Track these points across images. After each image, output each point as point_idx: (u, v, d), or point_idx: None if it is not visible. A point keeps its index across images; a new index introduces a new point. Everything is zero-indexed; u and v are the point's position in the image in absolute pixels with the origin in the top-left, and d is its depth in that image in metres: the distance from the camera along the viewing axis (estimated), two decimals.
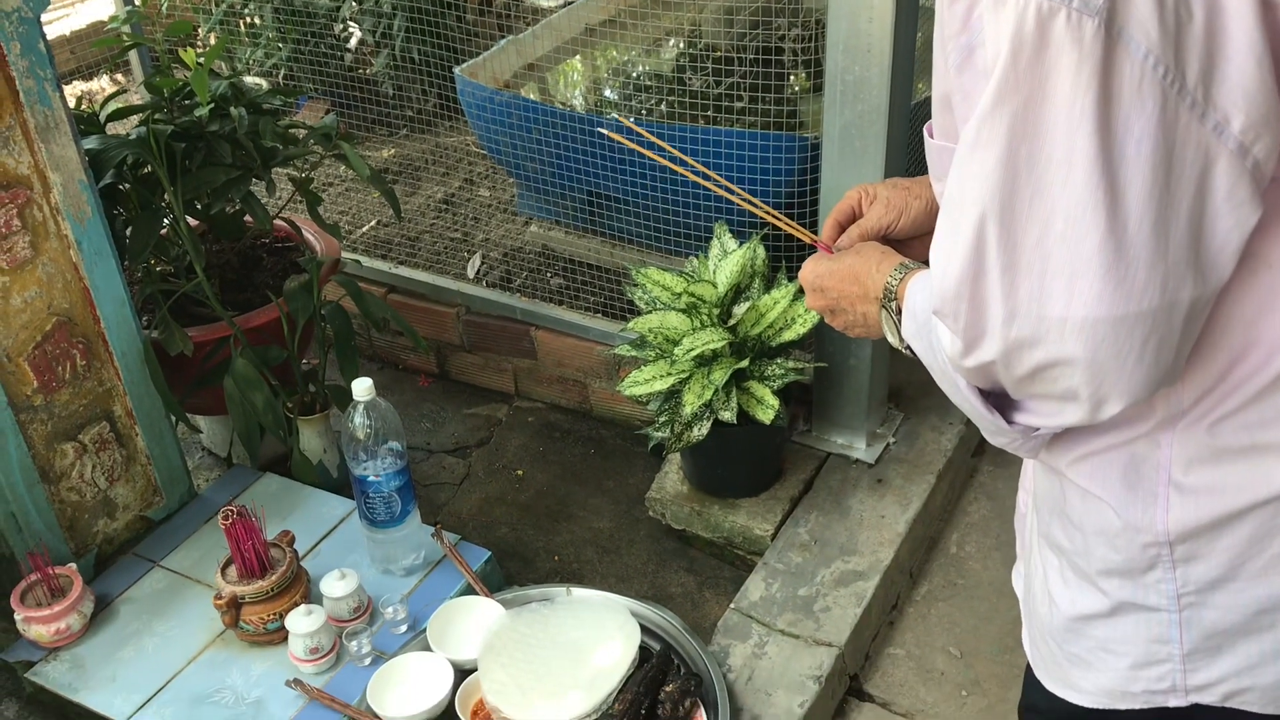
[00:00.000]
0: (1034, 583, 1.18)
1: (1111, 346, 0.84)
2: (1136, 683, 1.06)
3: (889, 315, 1.11)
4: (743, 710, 1.92)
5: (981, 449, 2.57)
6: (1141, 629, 1.04)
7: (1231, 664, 1.02)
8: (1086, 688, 1.11)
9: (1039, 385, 0.90)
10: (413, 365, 2.95)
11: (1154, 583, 1.01)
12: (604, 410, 2.73)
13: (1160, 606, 1.02)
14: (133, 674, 1.99)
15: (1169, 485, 0.97)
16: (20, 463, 1.99)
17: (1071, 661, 1.12)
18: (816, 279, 1.20)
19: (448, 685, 1.91)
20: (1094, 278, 0.82)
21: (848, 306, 1.17)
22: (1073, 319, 0.83)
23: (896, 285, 1.10)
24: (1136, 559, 1.01)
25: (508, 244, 2.90)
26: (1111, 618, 1.06)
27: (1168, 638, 1.03)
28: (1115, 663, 1.07)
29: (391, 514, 2.08)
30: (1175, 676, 1.05)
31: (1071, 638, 1.11)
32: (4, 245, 1.89)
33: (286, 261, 2.55)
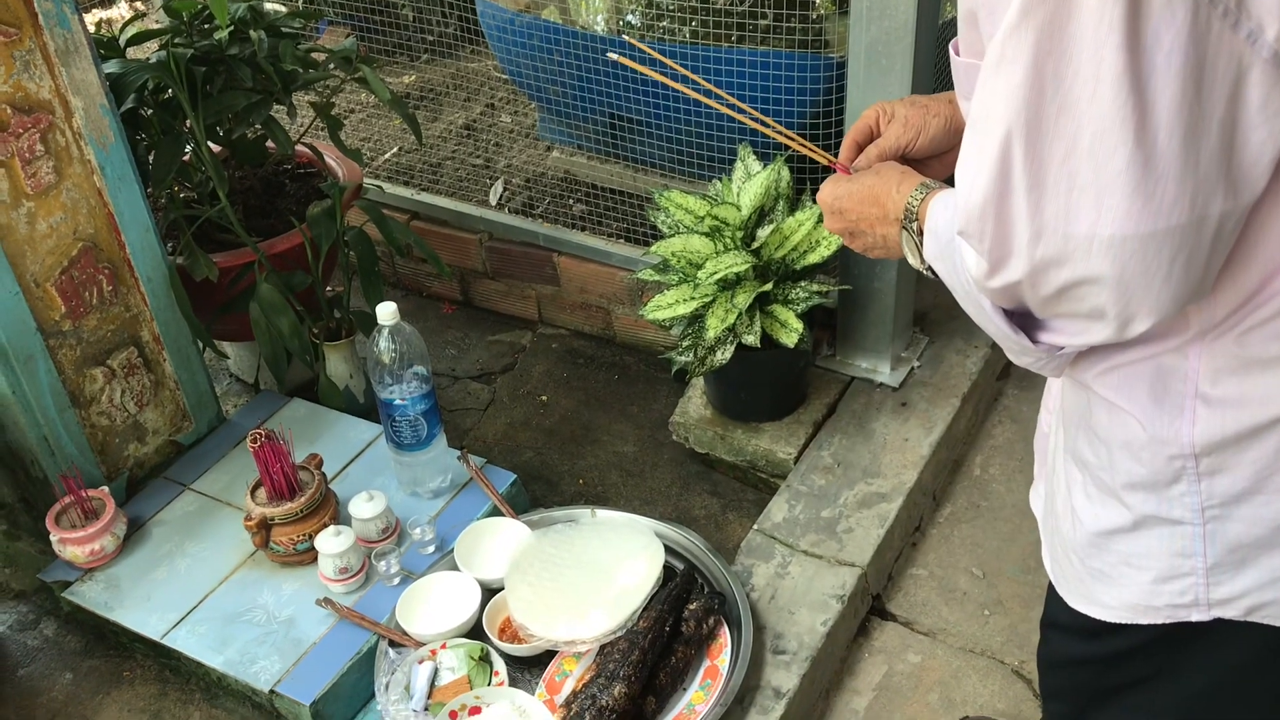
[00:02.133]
0: (1056, 500, 1.18)
1: (1139, 264, 0.83)
2: (1159, 596, 1.06)
3: (910, 236, 1.09)
4: (766, 628, 1.94)
5: (1007, 372, 2.56)
6: (1165, 543, 1.04)
7: (1255, 578, 1.02)
8: (1109, 602, 1.11)
9: (1065, 304, 0.89)
10: (436, 293, 2.96)
11: (1178, 496, 1.01)
12: (627, 336, 2.73)
13: (1184, 520, 1.02)
14: (166, 593, 2.03)
15: (1196, 398, 0.97)
16: (50, 387, 2.02)
17: (1094, 576, 1.12)
18: (835, 201, 1.18)
19: (475, 604, 1.94)
20: (1122, 194, 0.80)
21: (867, 229, 1.16)
22: (1100, 237, 0.82)
23: (918, 205, 1.08)
24: (1161, 472, 1.00)
25: (530, 170, 2.89)
26: (1134, 532, 1.05)
27: (1191, 551, 1.03)
28: (1138, 577, 1.07)
29: (418, 437, 2.10)
30: (1198, 590, 1.04)
31: (1094, 553, 1.10)
32: (28, 170, 1.89)
33: (309, 187, 2.54)
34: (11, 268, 1.90)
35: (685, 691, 1.84)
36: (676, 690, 1.84)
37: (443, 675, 1.87)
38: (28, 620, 2.19)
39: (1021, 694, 1.96)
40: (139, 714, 2.01)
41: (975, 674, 1.99)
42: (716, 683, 1.83)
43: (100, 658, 2.10)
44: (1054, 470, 1.19)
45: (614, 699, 1.73)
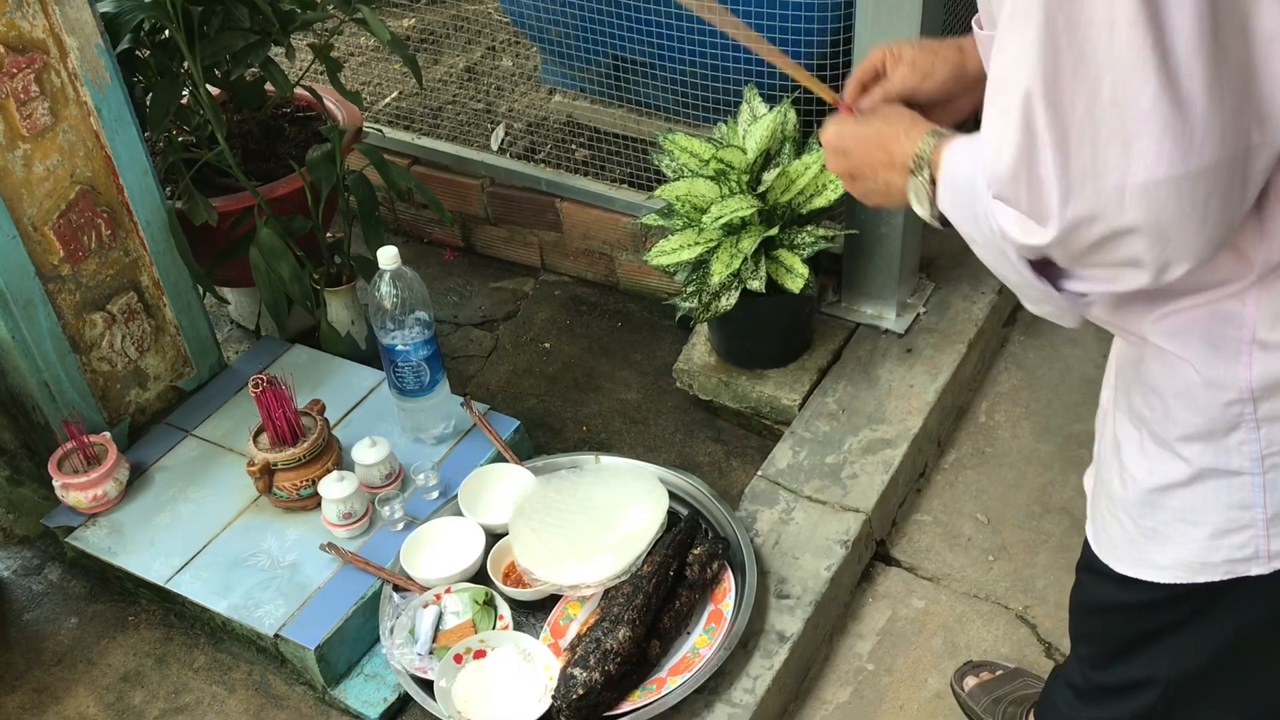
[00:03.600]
0: (1104, 467, 1.16)
1: (1174, 208, 0.81)
2: (1217, 552, 1.05)
3: (919, 183, 1.06)
4: (769, 573, 1.94)
5: (1013, 319, 2.54)
6: (1222, 495, 1.02)
7: None
8: (1163, 563, 1.09)
9: (1100, 256, 0.88)
10: (438, 239, 2.93)
11: (1236, 444, 0.99)
12: (631, 283, 2.71)
13: (1243, 470, 1.00)
14: (170, 539, 2.03)
15: (1252, 343, 0.95)
16: (50, 332, 2.00)
17: (1147, 537, 1.10)
18: (840, 141, 1.15)
19: (479, 549, 1.94)
20: (1150, 138, 0.79)
21: (870, 173, 1.13)
22: (1131, 185, 0.81)
23: (929, 153, 1.05)
24: (1218, 420, 0.99)
25: (532, 114, 2.85)
26: (1191, 485, 1.04)
27: (1250, 502, 1.01)
28: (1195, 533, 1.05)
29: (420, 383, 2.09)
30: (1258, 543, 1.03)
31: (1149, 511, 1.08)
32: (23, 112, 1.87)
33: (308, 131, 2.51)
34: (9, 211, 1.88)
35: (689, 635, 1.84)
36: (680, 634, 1.84)
37: (447, 619, 1.87)
38: (32, 565, 2.19)
39: (1025, 639, 1.96)
40: (144, 658, 2.01)
41: (979, 619, 1.99)
42: (720, 626, 1.83)
43: (105, 602, 2.10)
44: (1104, 432, 1.17)
45: (618, 642, 1.74)
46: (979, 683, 1.83)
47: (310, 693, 1.93)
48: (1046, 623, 1.98)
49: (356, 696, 1.88)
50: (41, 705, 1.95)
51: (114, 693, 1.96)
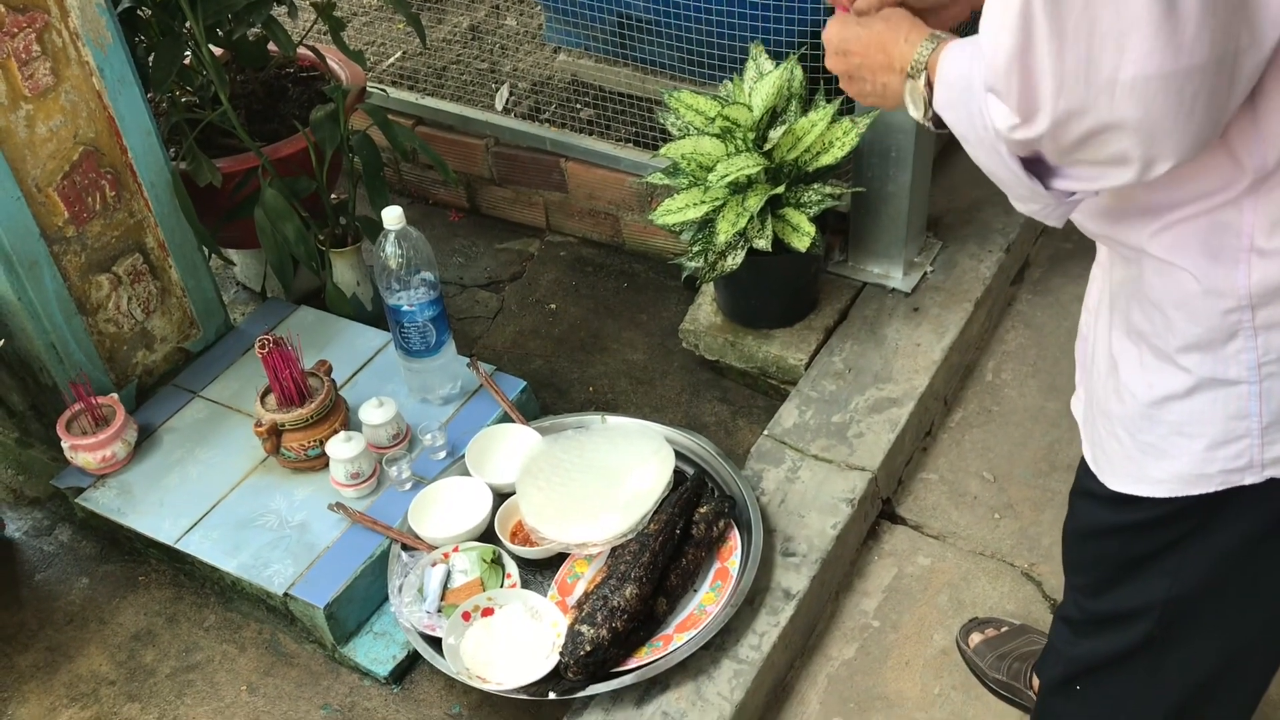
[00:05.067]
0: (1099, 387, 1.17)
1: (1162, 104, 0.83)
2: (1213, 463, 1.07)
3: (915, 87, 1.08)
4: (776, 531, 1.95)
5: (1020, 277, 2.53)
6: (1220, 406, 1.04)
7: None
8: (1159, 476, 1.11)
9: (1087, 152, 0.90)
10: (443, 200, 2.92)
11: (1235, 353, 1.01)
12: (636, 244, 2.70)
13: (1240, 379, 1.02)
14: (179, 499, 2.04)
15: (1250, 250, 0.96)
16: (56, 293, 2.00)
17: (1144, 451, 1.11)
18: (842, 42, 1.16)
19: (487, 508, 1.95)
20: (1144, 35, 0.81)
21: (868, 75, 1.14)
22: (1123, 80, 0.83)
23: (926, 56, 1.07)
24: (1217, 328, 1.00)
25: (536, 74, 2.83)
26: (1189, 397, 1.05)
27: (1247, 412, 1.03)
28: (1191, 445, 1.07)
29: (427, 344, 2.09)
30: (1253, 452, 1.05)
31: (1146, 425, 1.10)
32: (25, 72, 1.86)
33: (312, 91, 2.50)
34: (12, 172, 1.88)
35: (696, 593, 1.85)
36: (687, 591, 1.85)
37: (455, 578, 1.88)
38: (43, 526, 2.21)
39: (1031, 596, 1.97)
40: (155, 617, 2.03)
41: (985, 576, 2.00)
42: (727, 584, 1.84)
43: (115, 563, 2.12)
44: (1094, 355, 1.18)
45: (625, 600, 1.74)
46: (984, 639, 1.85)
47: (320, 651, 1.94)
48: (1052, 580, 1.99)
49: (366, 654, 1.90)
50: (54, 664, 1.97)
51: (125, 651, 1.98)
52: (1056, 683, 1.43)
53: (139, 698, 1.91)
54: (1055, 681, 1.43)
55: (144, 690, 1.92)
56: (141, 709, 1.90)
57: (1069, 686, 1.39)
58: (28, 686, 1.94)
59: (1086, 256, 2.60)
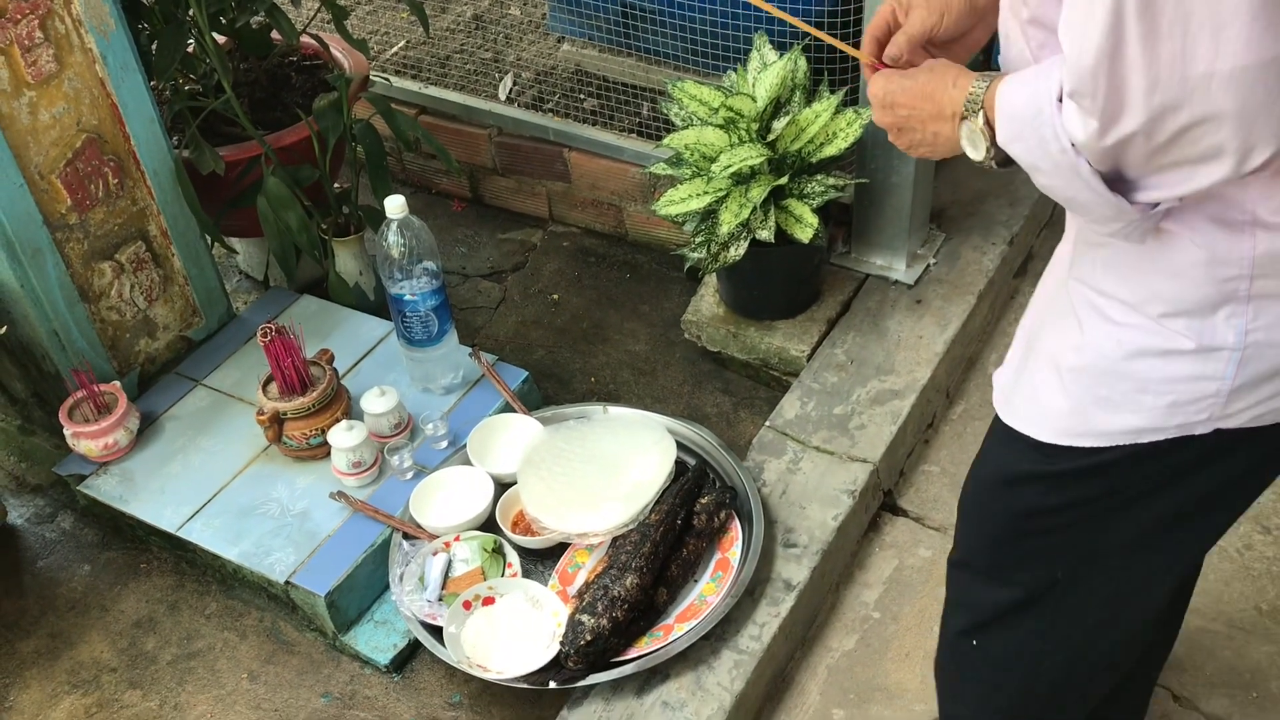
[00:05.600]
0: (1052, 338, 1.15)
1: (1262, 92, 0.83)
2: (1172, 419, 1.07)
3: (974, 127, 1.07)
4: (777, 522, 1.95)
5: (1024, 269, 2.53)
6: (1195, 368, 1.04)
7: (1268, 391, 1.05)
8: (1106, 429, 1.11)
9: (1180, 149, 0.89)
10: (446, 190, 2.92)
11: (1224, 320, 1.02)
12: (639, 234, 2.70)
13: (1224, 345, 1.02)
14: (181, 487, 2.04)
15: (1254, 224, 0.97)
16: (59, 281, 2.00)
17: (1098, 405, 1.10)
18: (888, 95, 1.16)
19: (488, 497, 1.95)
20: (1241, 23, 0.81)
21: (917, 125, 1.14)
22: (1220, 72, 0.83)
23: (982, 95, 1.06)
24: (1211, 295, 1.01)
25: (540, 64, 2.83)
26: (1164, 358, 1.05)
27: (1221, 375, 1.04)
28: (1154, 403, 1.07)
29: (429, 333, 2.09)
30: (1214, 409, 1.06)
31: (1109, 380, 1.09)
32: (28, 58, 1.85)
33: (315, 80, 2.50)
34: (15, 159, 1.87)
35: (696, 583, 1.86)
36: (688, 582, 1.86)
37: (456, 567, 1.88)
38: (45, 513, 2.21)
39: None
40: (157, 604, 2.03)
41: None
42: (727, 575, 1.84)
43: (117, 550, 2.12)
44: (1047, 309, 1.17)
45: (626, 589, 1.75)
46: None
47: (321, 639, 1.95)
48: None
49: (366, 642, 1.90)
50: (56, 650, 1.98)
51: (127, 638, 1.99)
52: (956, 633, 1.41)
53: (140, 685, 1.92)
54: (956, 631, 1.41)
55: (145, 677, 1.93)
56: (143, 696, 1.90)
57: (967, 639, 1.38)
58: (29, 673, 1.95)
59: None
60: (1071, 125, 0.94)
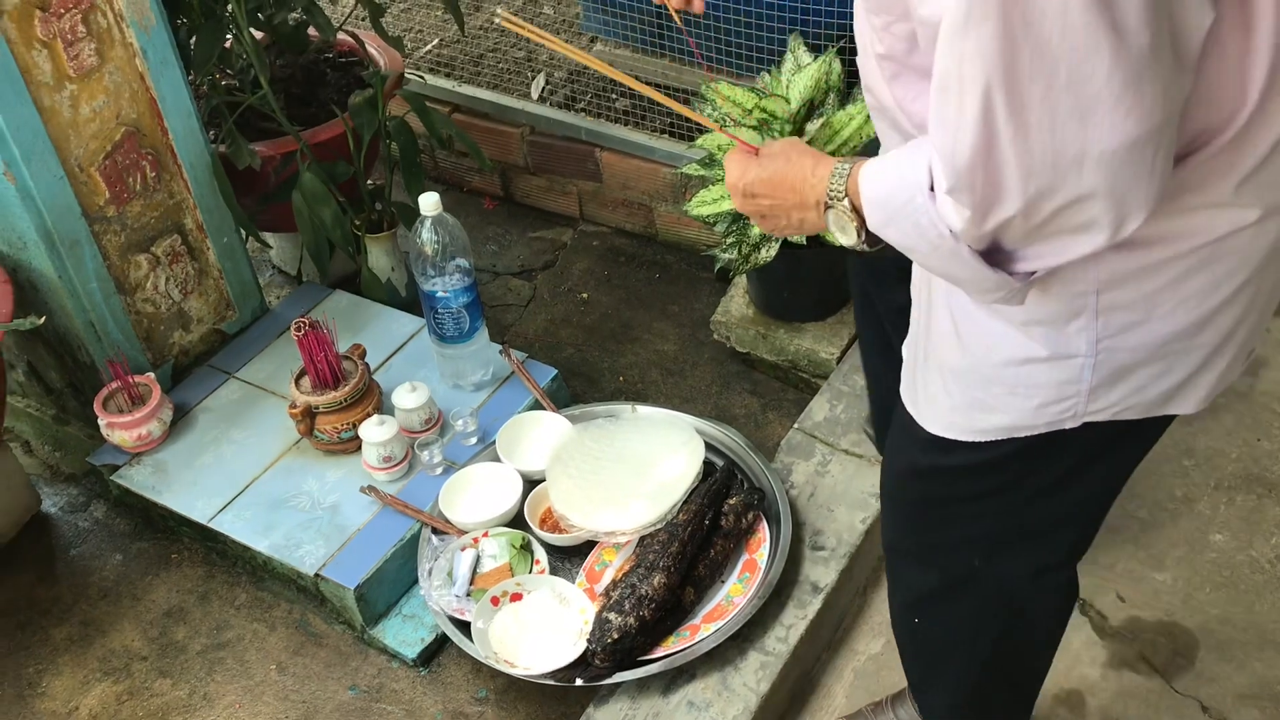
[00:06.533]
0: (937, 338, 1.20)
1: (1129, 170, 0.88)
2: (1041, 417, 1.15)
3: (840, 213, 1.09)
4: (804, 524, 1.95)
5: None
6: (1055, 374, 1.11)
7: (1127, 389, 1.12)
8: (983, 427, 1.18)
9: (1056, 225, 0.94)
10: (477, 188, 2.93)
11: (1076, 331, 1.08)
12: (670, 235, 2.70)
13: (1078, 353, 1.09)
14: (212, 479, 2.06)
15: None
16: (96, 272, 2.02)
17: (976, 406, 1.17)
18: (746, 186, 1.17)
19: (516, 494, 1.96)
20: (1105, 111, 0.85)
21: (781, 214, 1.16)
22: (1090, 155, 0.87)
23: (844, 184, 1.08)
24: (1063, 309, 1.07)
25: (572, 63, 2.84)
26: (1027, 365, 1.12)
27: (1079, 379, 1.11)
28: (1023, 404, 1.14)
29: (460, 330, 2.10)
30: (1077, 407, 1.13)
31: (981, 383, 1.15)
32: (70, 52, 1.87)
33: (350, 77, 2.51)
34: (56, 151, 1.90)
35: (723, 584, 1.86)
36: (715, 582, 1.86)
37: (484, 562, 1.89)
38: (78, 502, 2.23)
39: None
40: (187, 595, 2.05)
41: None
42: (755, 576, 1.84)
43: (149, 540, 2.14)
44: (930, 304, 1.20)
45: (653, 588, 1.75)
46: None
47: (349, 632, 1.96)
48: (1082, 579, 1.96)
49: (394, 636, 1.91)
50: (88, 638, 2.00)
51: (157, 628, 2.01)
52: (899, 608, 1.50)
53: (170, 673, 1.94)
54: (898, 607, 1.50)
55: (175, 666, 1.95)
56: (172, 685, 1.92)
57: (910, 614, 1.48)
58: (62, 659, 1.97)
59: None
60: (948, 216, 0.96)
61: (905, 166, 1.00)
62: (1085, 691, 1.84)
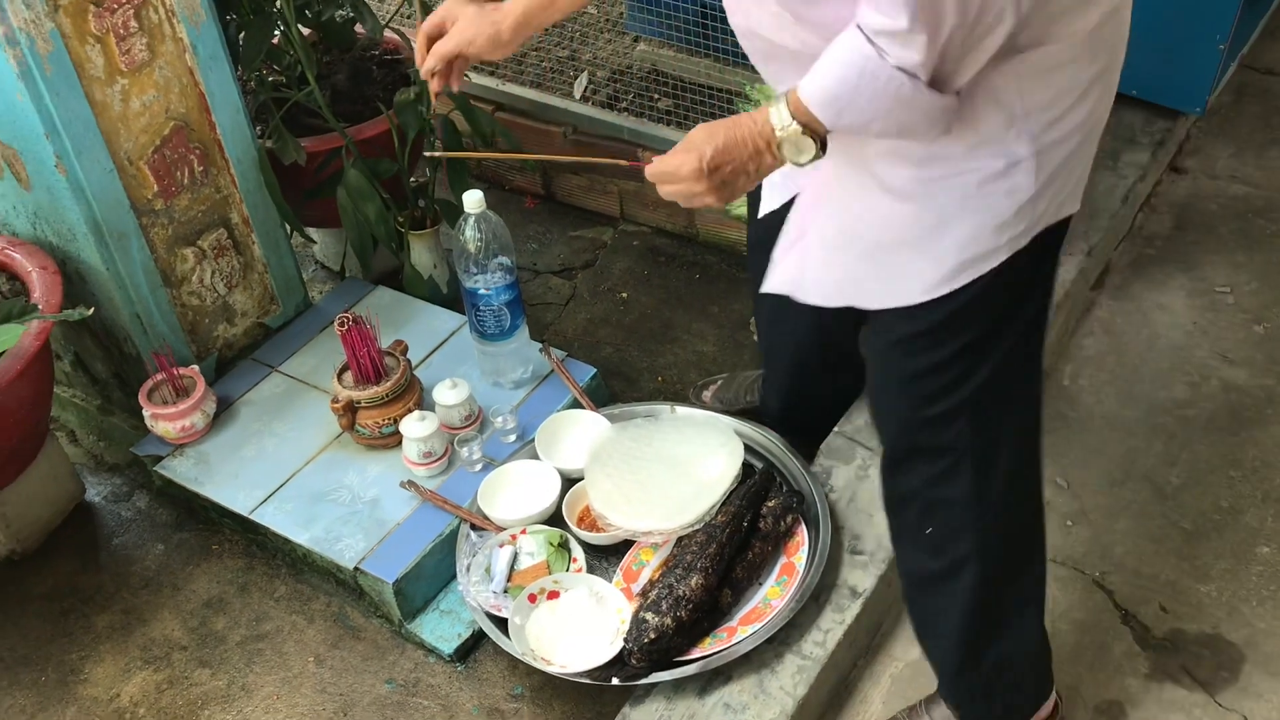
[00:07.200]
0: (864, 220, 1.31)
1: None
2: (1001, 237, 1.27)
3: (791, 135, 1.21)
4: (844, 529, 1.93)
5: (1101, 282, 2.49)
6: (1006, 184, 1.24)
7: (1053, 192, 1.28)
8: (954, 266, 1.29)
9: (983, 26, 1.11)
10: (519, 186, 2.94)
11: (1015, 137, 1.22)
12: (710, 235, 2.70)
13: (1022, 156, 1.23)
14: (254, 471, 2.08)
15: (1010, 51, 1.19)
16: (143, 265, 2.05)
17: (948, 253, 1.28)
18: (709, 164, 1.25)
19: (555, 492, 1.96)
20: None
21: (741, 172, 1.26)
22: None
23: (787, 113, 1.21)
24: (1000, 120, 1.21)
25: (615, 63, 2.84)
26: (984, 186, 1.24)
27: (1028, 185, 1.24)
28: (981, 226, 1.27)
29: (501, 328, 2.10)
30: (1029, 218, 1.27)
31: (949, 227, 1.27)
32: (122, 47, 1.90)
33: (396, 74, 2.52)
34: (106, 145, 1.92)
35: (761, 586, 1.85)
36: (752, 584, 1.85)
37: (522, 560, 1.90)
38: (121, 492, 2.26)
39: (1101, 604, 1.94)
40: (227, 585, 2.07)
41: (1055, 583, 1.96)
42: (793, 579, 1.83)
43: (190, 531, 2.16)
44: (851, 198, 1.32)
45: (690, 590, 1.75)
46: (713, 392, 2.24)
47: (387, 626, 1.97)
48: (1124, 589, 1.95)
49: (431, 631, 1.92)
50: (129, 626, 2.02)
51: (197, 618, 2.03)
52: (914, 532, 1.57)
53: (209, 663, 1.95)
54: (912, 531, 1.57)
55: (214, 656, 1.96)
56: (211, 675, 1.94)
57: (921, 529, 1.54)
58: (104, 647, 1.99)
59: (1170, 263, 2.56)
60: (907, 55, 1.11)
61: (839, 58, 1.14)
62: (1126, 703, 1.81)
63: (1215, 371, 2.30)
